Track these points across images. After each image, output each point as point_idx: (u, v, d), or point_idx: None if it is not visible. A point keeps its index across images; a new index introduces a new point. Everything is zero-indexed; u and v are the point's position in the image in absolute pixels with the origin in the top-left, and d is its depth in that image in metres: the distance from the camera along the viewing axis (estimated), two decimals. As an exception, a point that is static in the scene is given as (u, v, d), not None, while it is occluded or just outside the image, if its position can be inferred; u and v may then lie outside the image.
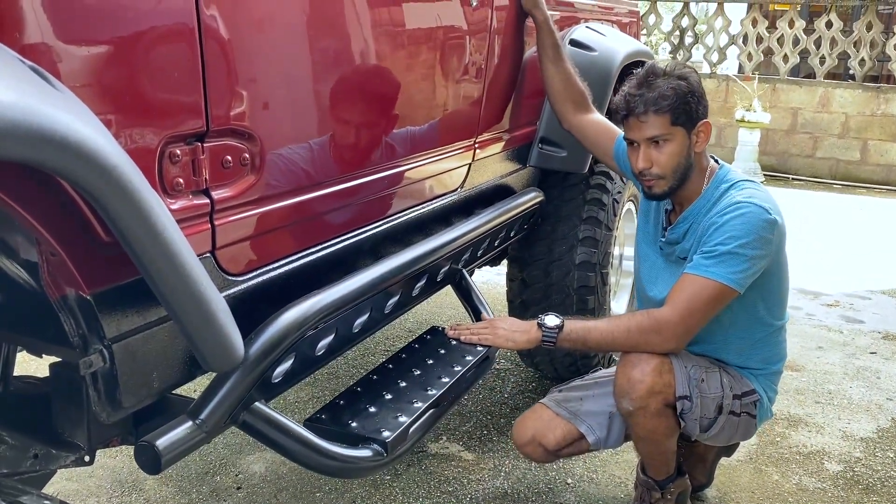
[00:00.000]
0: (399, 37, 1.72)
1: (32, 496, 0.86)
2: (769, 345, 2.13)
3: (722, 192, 2.01)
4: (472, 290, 2.16)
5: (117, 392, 1.13)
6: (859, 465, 2.63)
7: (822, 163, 8.29)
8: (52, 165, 0.79)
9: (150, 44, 1.10)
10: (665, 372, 1.95)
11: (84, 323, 1.08)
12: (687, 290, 1.93)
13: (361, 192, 1.67)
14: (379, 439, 1.51)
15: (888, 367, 3.47)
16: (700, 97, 1.97)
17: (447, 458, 2.61)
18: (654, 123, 1.93)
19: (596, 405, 2.14)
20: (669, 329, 1.93)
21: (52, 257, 1.01)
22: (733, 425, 2.07)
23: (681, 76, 1.95)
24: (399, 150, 1.77)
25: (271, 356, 1.32)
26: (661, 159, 1.96)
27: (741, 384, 2.08)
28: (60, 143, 0.77)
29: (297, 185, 1.46)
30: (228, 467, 2.54)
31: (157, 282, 0.99)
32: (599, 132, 2.38)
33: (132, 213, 0.89)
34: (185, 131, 1.18)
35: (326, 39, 1.49)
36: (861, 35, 8.21)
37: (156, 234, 0.93)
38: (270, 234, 1.43)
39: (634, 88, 1.95)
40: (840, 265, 5.08)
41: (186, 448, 1.25)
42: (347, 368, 3.29)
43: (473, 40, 2.04)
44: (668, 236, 2.11)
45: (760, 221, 1.91)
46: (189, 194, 1.21)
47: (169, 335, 1.21)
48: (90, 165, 0.81)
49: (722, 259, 1.90)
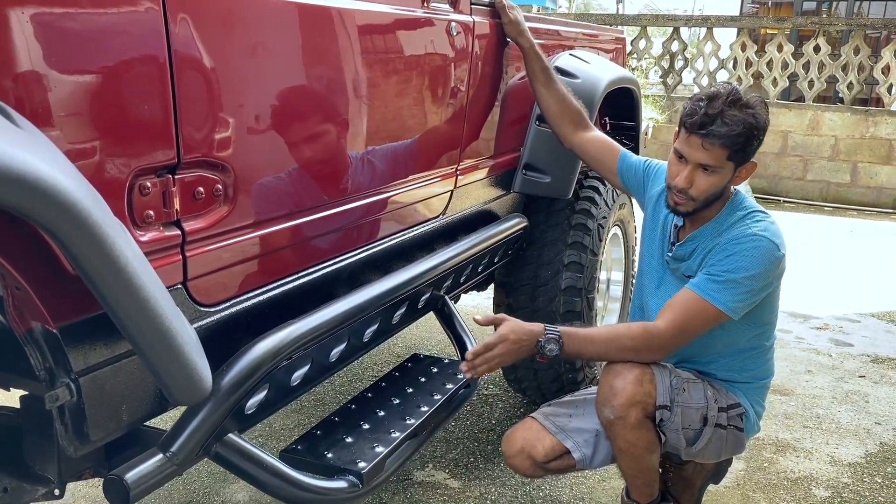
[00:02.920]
0: (378, 65, 1.73)
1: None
2: (757, 362, 2.15)
3: (737, 218, 2.03)
4: (454, 316, 2.16)
5: (84, 426, 1.12)
6: (847, 491, 2.62)
7: (812, 185, 8.33)
8: (8, 202, 0.79)
9: (120, 76, 1.10)
10: (646, 382, 1.97)
11: (50, 356, 1.07)
12: (685, 307, 1.96)
13: (338, 221, 1.67)
14: (354, 470, 1.50)
15: (877, 391, 3.46)
16: (762, 137, 1.97)
17: (433, 486, 2.59)
18: (714, 154, 1.92)
19: (584, 423, 2.13)
20: (660, 343, 1.97)
21: (17, 291, 1.01)
22: (721, 438, 2.07)
23: (756, 112, 1.93)
24: (377, 179, 1.77)
25: (243, 387, 1.31)
26: (702, 185, 1.96)
27: (726, 397, 2.10)
28: (15, 181, 0.77)
29: (272, 216, 1.45)
30: (212, 496, 2.51)
31: (120, 316, 0.98)
32: (602, 150, 2.40)
33: (92, 248, 0.89)
34: (156, 163, 1.18)
35: (302, 69, 1.50)
36: (849, 59, 8.29)
37: (118, 269, 0.92)
38: (244, 265, 1.42)
39: (714, 110, 1.90)
40: (830, 288, 5.09)
41: (156, 481, 1.23)
42: (335, 395, 3.27)
43: (454, 68, 2.05)
44: (676, 252, 2.13)
45: (771, 257, 1.95)
46: (160, 226, 1.21)
47: (138, 368, 1.20)
48: (48, 203, 0.81)
49: (727, 286, 1.93)
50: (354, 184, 1.69)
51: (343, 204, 1.66)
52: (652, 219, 2.27)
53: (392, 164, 1.83)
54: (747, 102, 1.92)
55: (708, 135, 1.90)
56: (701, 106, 1.92)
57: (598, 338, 2.01)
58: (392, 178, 1.84)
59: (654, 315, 2.16)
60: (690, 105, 1.97)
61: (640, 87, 3.33)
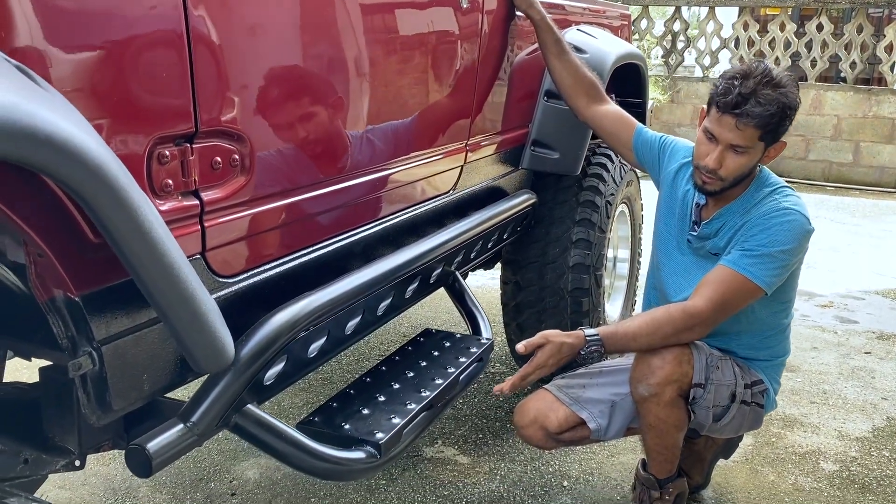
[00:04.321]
0: (389, 39, 1.72)
1: (21, 498, 0.85)
2: (776, 339, 2.16)
3: (764, 195, 2.02)
4: (465, 292, 2.16)
5: (107, 395, 1.12)
6: (855, 465, 2.63)
7: (814, 165, 8.32)
8: (37, 163, 0.78)
9: (138, 45, 1.10)
10: (684, 362, 1.97)
11: (73, 325, 1.07)
12: (724, 283, 1.94)
13: (352, 194, 1.66)
14: (372, 441, 1.51)
15: (883, 367, 3.47)
16: (793, 116, 1.93)
17: (442, 462, 2.60)
18: (747, 135, 1.89)
19: (598, 393, 2.14)
20: (702, 322, 1.95)
21: (40, 258, 1.00)
22: (743, 415, 2.09)
23: (788, 91, 1.89)
24: (389, 152, 1.77)
25: (263, 358, 1.31)
26: (731, 166, 1.94)
27: (749, 374, 2.11)
28: (45, 141, 0.77)
29: (288, 187, 1.45)
30: (223, 473, 2.53)
31: (146, 282, 0.98)
32: (617, 124, 2.36)
33: (118, 211, 0.88)
34: (174, 132, 1.18)
35: (316, 42, 1.49)
36: (852, 38, 8.25)
37: (143, 233, 0.92)
38: (260, 236, 1.42)
39: (748, 89, 1.86)
40: (834, 266, 5.09)
41: (177, 451, 1.24)
42: (342, 374, 3.28)
43: (464, 43, 2.04)
44: (701, 231, 2.10)
45: (803, 231, 1.96)
46: (178, 195, 1.20)
47: (159, 337, 1.20)
48: (75, 163, 0.81)
49: (762, 260, 1.93)
50: (369, 157, 1.68)
51: (356, 177, 1.66)
52: (669, 197, 2.24)
53: (405, 137, 1.82)
54: (780, 81, 1.89)
55: (742, 115, 1.86)
56: (735, 85, 1.88)
57: (640, 333, 1.97)
58: (404, 152, 1.83)
59: (671, 294, 2.16)
60: (723, 83, 1.92)
61: (646, 63, 3.31)
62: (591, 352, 1.95)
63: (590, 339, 1.95)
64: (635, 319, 2.03)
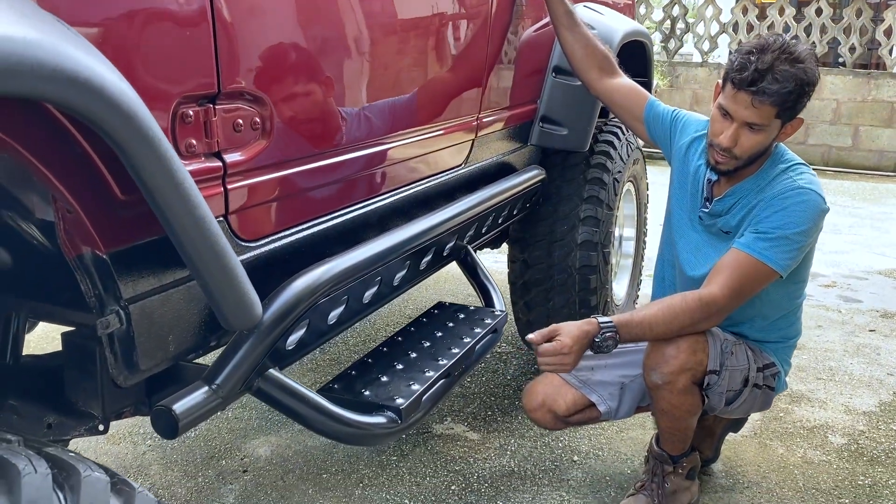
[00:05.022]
0: (406, 10, 1.72)
1: (57, 447, 0.86)
2: (788, 321, 2.14)
3: (779, 171, 1.96)
4: (477, 266, 2.16)
5: (134, 354, 1.12)
6: (863, 438, 2.64)
7: (814, 149, 8.32)
8: (78, 105, 0.78)
9: (163, 3, 1.09)
10: (699, 350, 1.93)
11: (100, 283, 1.07)
12: (739, 269, 1.89)
13: (369, 164, 1.66)
14: (393, 406, 1.51)
15: (888, 344, 3.49)
16: (811, 93, 1.86)
17: (453, 438, 2.61)
18: (763, 112, 1.83)
19: (608, 375, 2.13)
20: (718, 310, 1.91)
21: (69, 214, 1.00)
22: (755, 398, 2.08)
23: (807, 67, 1.82)
24: (406, 122, 1.77)
25: (286, 321, 1.32)
26: (746, 144, 1.88)
27: (761, 357, 2.09)
28: (84, 84, 0.76)
29: (308, 153, 1.45)
30: (234, 451, 2.53)
31: (179, 234, 0.98)
32: (628, 97, 2.31)
33: (155, 161, 0.88)
34: (197, 92, 1.17)
35: (338, 11, 1.49)
36: (851, 21, 8.25)
37: (177, 183, 0.92)
38: (279, 202, 1.42)
39: (765, 65, 1.79)
40: (836, 248, 5.10)
41: (202, 413, 1.24)
42: (349, 355, 3.28)
43: (475, 16, 2.04)
44: (713, 208, 2.05)
45: (818, 210, 1.91)
46: (202, 156, 1.20)
47: (185, 298, 1.20)
48: (113, 109, 0.81)
49: (778, 243, 1.88)
50: (385, 127, 1.69)
51: (374, 146, 1.66)
52: (681, 172, 2.20)
53: (421, 107, 1.82)
54: (798, 56, 1.82)
55: (758, 92, 1.80)
56: (751, 60, 1.80)
57: (657, 322, 1.91)
58: (419, 121, 1.83)
59: (687, 270, 2.14)
60: (739, 59, 1.84)
61: (652, 41, 3.31)
62: (606, 338, 1.88)
63: (604, 326, 1.88)
64: (651, 307, 1.96)
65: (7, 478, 0.75)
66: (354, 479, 2.35)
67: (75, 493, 0.81)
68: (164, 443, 2.57)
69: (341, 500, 2.25)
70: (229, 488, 2.32)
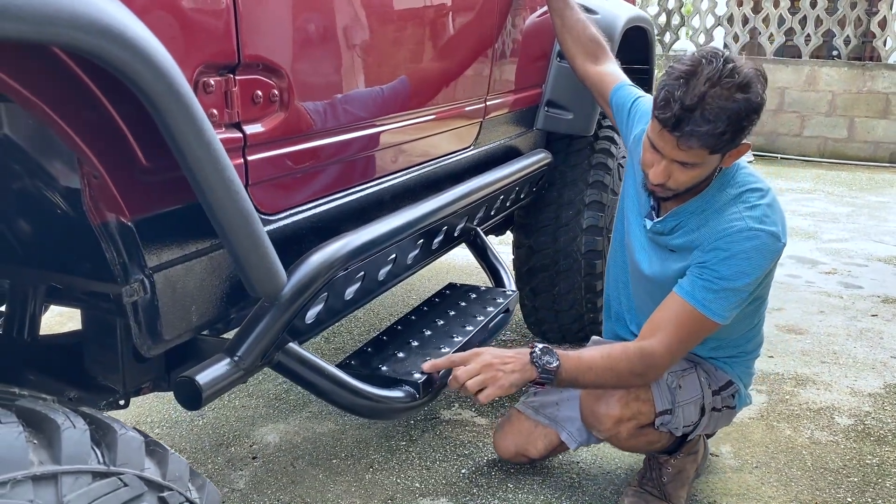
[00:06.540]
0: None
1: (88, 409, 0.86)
2: (746, 337, 2.04)
3: (728, 199, 1.76)
4: (487, 247, 2.17)
5: (158, 323, 1.12)
6: (869, 419, 2.66)
7: (809, 141, 8.35)
8: (109, 56, 0.79)
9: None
10: (632, 401, 1.85)
11: (125, 251, 1.06)
12: (679, 323, 1.75)
13: (384, 141, 1.67)
14: (411, 381, 1.51)
15: (890, 328, 3.50)
16: (754, 119, 1.61)
17: (461, 423, 2.61)
18: (692, 154, 1.60)
19: (573, 410, 2.07)
20: (659, 365, 1.79)
21: (95, 180, 1.00)
22: (715, 420, 2.05)
23: (747, 92, 1.56)
24: (420, 100, 1.77)
25: (307, 293, 1.32)
26: (681, 179, 1.68)
27: (717, 378, 2.01)
28: (119, 37, 0.77)
29: (325, 127, 1.45)
30: (242, 438, 2.53)
31: (208, 194, 0.98)
32: (601, 82, 2.21)
33: (186, 116, 0.89)
34: (218, 61, 1.17)
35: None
36: (846, 13, 8.28)
37: (207, 142, 0.92)
38: (298, 176, 1.42)
39: (692, 100, 1.53)
40: (834, 236, 5.12)
41: (225, 385, 1.24)
42: (353, 343, 3.28)
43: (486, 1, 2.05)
44: (655, 226, 1.88)
45: (770, 253, 1.72)
46: (223, 127, 1.20)
47: (207, 269, 1.20)
48: (146, 63, 0.81)
49: (724, 295, 1.72)
50: (400, 103, 1.69)
51: (389, 123, 1.66)
52: (630, 167, 2.03)
53: (433, 86, 1.83)
54: (736, 83, 1.54)
55: (684, 136, 1.55)
56: (676, 96, 1.54)
57: (597, 364, 1.74)
58: (432, 100, 1.84)
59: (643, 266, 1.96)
60: (664, 90, 1.57)
61: (654, 28, 3.31)
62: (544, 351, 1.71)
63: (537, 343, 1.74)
64: (591, 350, 1.84)
65: (47, 432, 0.75)
66: (364, 464, 2.35)
67: (112, 450, 0.81)
68: (172, 431, 2.57)
69: (351, 485, 2.25)
70: (239, 474, 2.32)
